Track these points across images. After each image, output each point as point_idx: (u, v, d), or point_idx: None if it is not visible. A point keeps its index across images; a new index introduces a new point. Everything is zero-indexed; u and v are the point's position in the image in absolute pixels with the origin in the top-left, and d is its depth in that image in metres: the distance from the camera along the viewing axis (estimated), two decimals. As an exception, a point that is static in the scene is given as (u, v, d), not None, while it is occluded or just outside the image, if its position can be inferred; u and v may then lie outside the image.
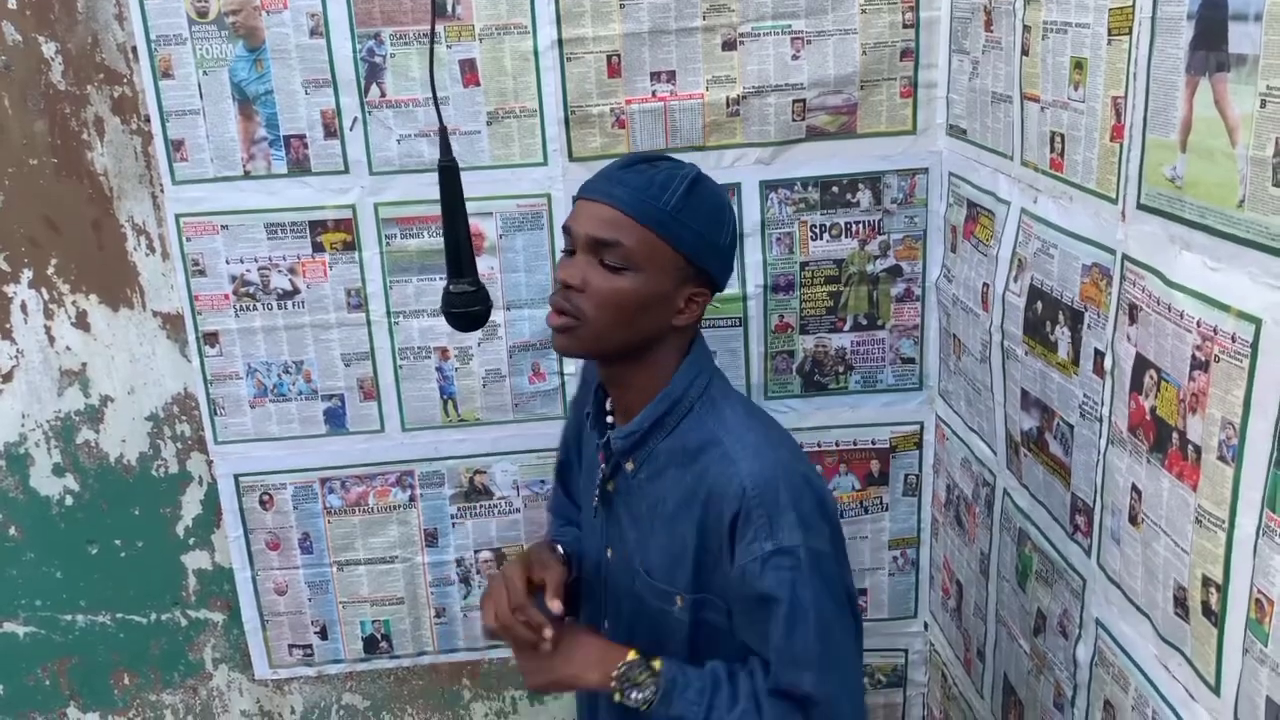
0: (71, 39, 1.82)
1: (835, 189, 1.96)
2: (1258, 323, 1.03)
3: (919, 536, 2.17)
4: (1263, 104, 1.01)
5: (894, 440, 2.11)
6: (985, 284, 1.74)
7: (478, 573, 2.14)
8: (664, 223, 1.25)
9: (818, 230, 1.98)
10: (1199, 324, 1.13)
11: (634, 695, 1.26)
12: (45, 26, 1.81)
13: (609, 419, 1.42)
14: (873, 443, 2.11)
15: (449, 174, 1.24)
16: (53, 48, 1.82)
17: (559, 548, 1.46)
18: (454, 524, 2.11)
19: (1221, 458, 1.10)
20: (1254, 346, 1.04)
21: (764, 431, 1.31)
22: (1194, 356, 1.14)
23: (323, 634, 2.17)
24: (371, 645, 2.18)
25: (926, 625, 2.22)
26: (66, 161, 1.88)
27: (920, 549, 2.18)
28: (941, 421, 2.05)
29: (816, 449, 2.10)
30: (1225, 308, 1.08)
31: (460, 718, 2.26)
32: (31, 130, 1.86)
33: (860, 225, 1.98)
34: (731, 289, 1.98)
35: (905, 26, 1.87)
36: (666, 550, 1.34)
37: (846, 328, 2.04)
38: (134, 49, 1.83)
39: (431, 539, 2.12)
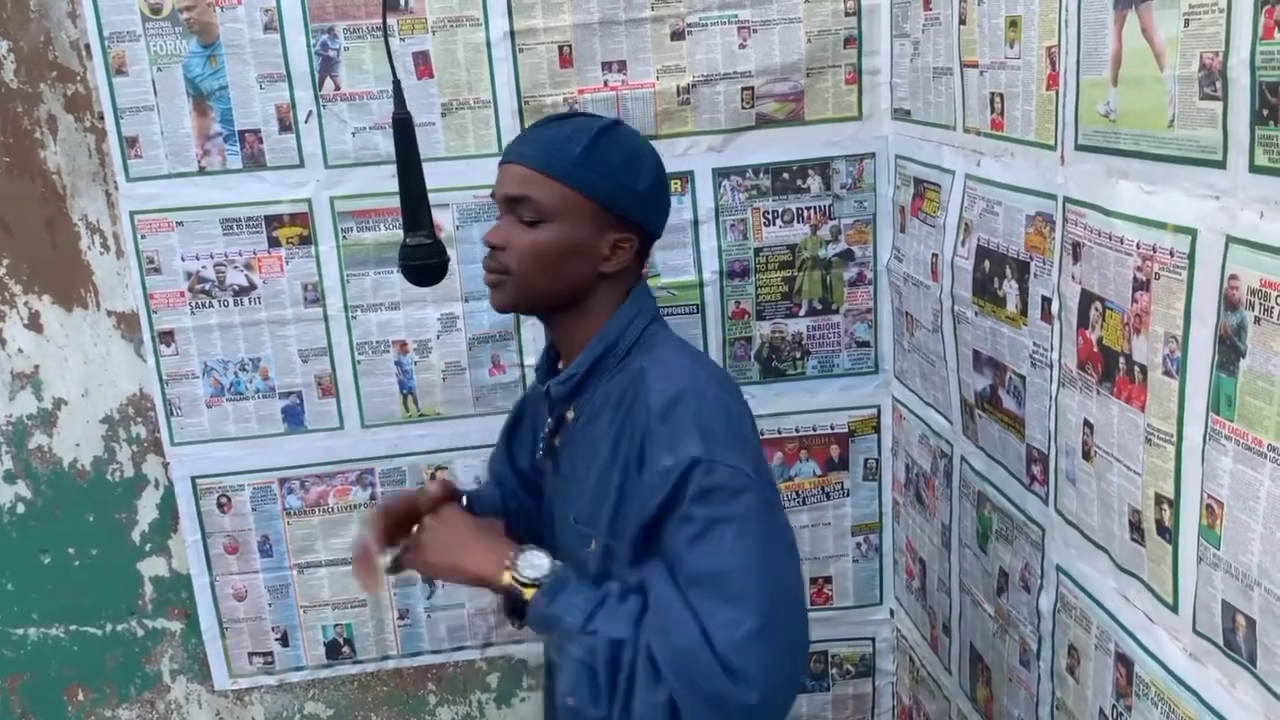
0: (24, 37, 1.83)
1: (786, 175, 2.00)
2: (1193, 233, 1.07)
3: (880, 522, 2.19)
4: (1186, 23, 1.06)
5: (852, 424, 2.14)
6: (934, 254, 1.78)
7: (441, 571, 2.12)
8: (570, 172, 1.27)
9: (770, 216, 2.02)
10: (1138, 246, 1.17)
11: (528, 573, 1.23)
12: (-3, 25, 1.82)
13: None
14: (831, 428, 2.13)
15: (403, 126, 1.26)
16: (4, 46, 1.83)
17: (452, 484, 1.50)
18: (416, 522, 2.09)
19: (1167, 372, 1.13)
20: (1191, 257, 1.08)
21: (688, 359, 1.30)
22: (1135, 278, 1.17)
23: (284, 640, 2.13)
24: (334, 650, 2.14)
25: (892, 612, 2.23)
26: (19, 160, 1.88)
27: (883, 534, 2.19)
28: (898, 402, 2.08)
29: (777, 435, 2.11)
30: (1161, 225, 1.12)
31: (426, 724, 2.23)
32: (-18, 129, 1.86)
33: (811, 211, 2.02)
34: (688, 276, 2.02)
35: (848, 14, 1.93)
36: (594, 493, 1.30)
37: (802, 313, 2.07)
38: (87, 46, 1.84)
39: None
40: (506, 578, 1.24)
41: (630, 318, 1.34)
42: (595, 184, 1.29)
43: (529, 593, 1.23)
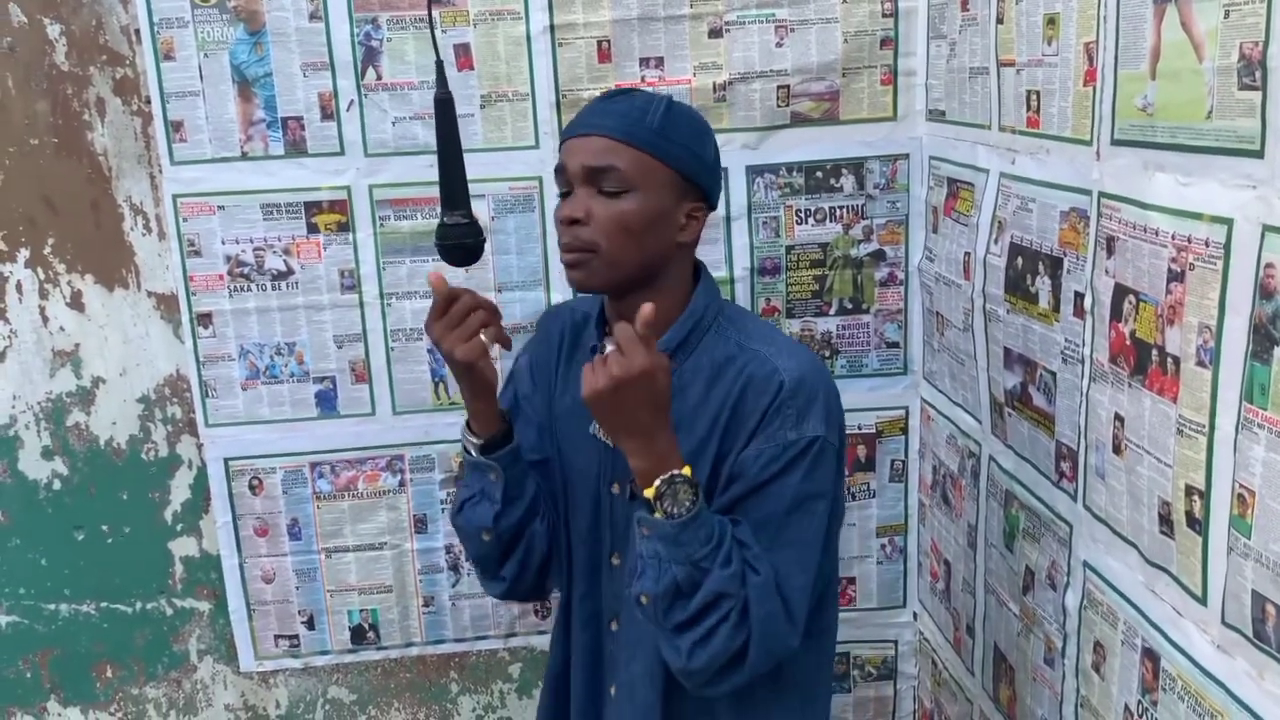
0: (76, 21, 1.87)
1: (819, 174, 2.01)
2: (1229, 223, 1.08)
3: (906, 524, 2.19)
4: (1226, 15, 1.06)
5: (880, 425, 2.14)
6: (966, 253, 1.79)
7: (466, 560, 2.14)
8: (652, 142, 1.31)
9: (803, 214, 2.03)
10: (1173, 237, 1.17)
11: (667, 506, 1.22)
12: (50, 8, 1.86)
13: None
14: (859, 428, 2.14)
15: (444, 106, 1.28)
16: (57, 29, 1.87)
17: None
18: (443, 509, 2.11)
19: (1200, 363, 1.13)
20: (1227, 247, 1.08)
21: (787, 337, 1.42)
22: (1170, 270, 1.18)
23: (309, 624, 2.15)
24: (359, 635, 2.16)
25: (916, 615, 2.22)
26: (67, 141, 1.91)
27: (908, 536, 2.19)
28: (926, 403, 2.08)
29: (804, 433, 2.11)
30: (1197, 216, 1.13)
31: (448, 712, 2.23)
32: (33, 110, 1.89)
33: (844, 210, 2.03)
34: (719, 272, 2.03)
35: (885, 16, 1.95)
36: (688, 460, 1.31)
37: (832, 312, 2.08)
38: (137, 31, 1.88)
39: (421, 525, 2.12)
40: (649, 492, 1.23)
41: (712, 294, 1.42)
42: (674, 153, 1.33)
43: (659, 518, 1.23)
